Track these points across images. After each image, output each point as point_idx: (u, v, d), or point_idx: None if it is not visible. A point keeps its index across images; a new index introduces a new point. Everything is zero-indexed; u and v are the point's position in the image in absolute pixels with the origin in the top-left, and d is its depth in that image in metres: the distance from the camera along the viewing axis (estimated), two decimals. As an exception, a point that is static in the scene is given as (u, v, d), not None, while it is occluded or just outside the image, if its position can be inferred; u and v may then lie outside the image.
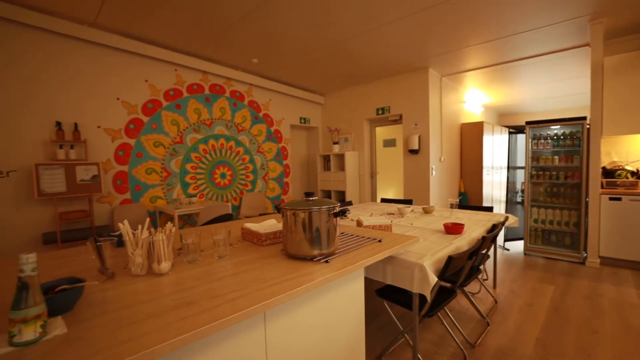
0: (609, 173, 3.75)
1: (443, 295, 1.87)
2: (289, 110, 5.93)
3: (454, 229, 2.15)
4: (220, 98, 4.84)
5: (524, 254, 4.04)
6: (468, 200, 5.78)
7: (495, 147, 5.98)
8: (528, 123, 4.09)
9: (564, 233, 3.90)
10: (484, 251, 2.26)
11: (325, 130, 6.48)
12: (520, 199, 4.93)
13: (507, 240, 4.54)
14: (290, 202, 1.35)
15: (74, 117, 3.43)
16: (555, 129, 4.01)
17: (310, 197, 1.34)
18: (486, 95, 6.45)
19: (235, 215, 4.95)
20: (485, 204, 5.52)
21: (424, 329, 2.25)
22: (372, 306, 2.40)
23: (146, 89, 4.01)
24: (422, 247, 1.81)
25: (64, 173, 3.20)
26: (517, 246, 4.35)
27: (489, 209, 3.17)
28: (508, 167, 4.97)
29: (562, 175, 3.91)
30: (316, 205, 1.27)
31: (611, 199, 3.42)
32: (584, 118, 3.71)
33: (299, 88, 5.92)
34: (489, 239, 2.02)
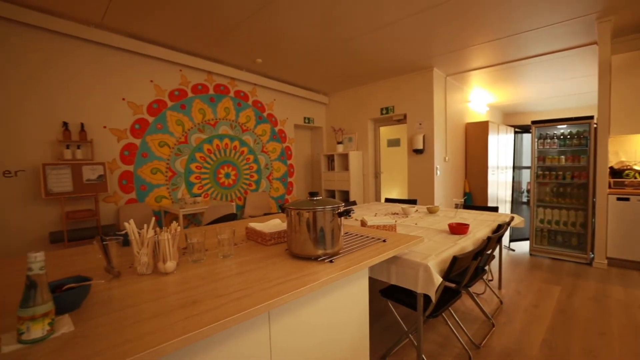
0: (616, 173, 3.70)
1: (448, 295, 1.86)
2: (293, 110, 5.93)
3: (458, 229, 2.13)
4: (225, 98, 4.86)
5: (530, 255, 4.00)
6: (473, 200, 5.74)
7: (500, 147, 5.93)
8: (534, 122, 4.06)
9: (570, 233, 3.85)
10: (489, 251, 2.24)
11: (329, 130, 6.47)
12: (525, 199, 4.89)
13: (512, 240, 4.51)
14: (295, 201, 1.36)
15: (80, 118, 3.46)
16: (562, 129, 3.97)
17: (315, 197, 1.34)
18: (491, 94, 6.40)
19: (239, 214, 4.97)
20: (490, 204, 5.48)
21: (428, 330, 2.24)
22: (376, 306, 2.40)
23: (151, 89, 4.03)
24: (427, 247, 1.80)
25: (70, 173, 3.24)
26: (523, 247, 4.32)
27: (494, 209, 3.15)
28: (513, 167, 4.93)
29: (568, 175, 3.86)
30: (320, 205, 1.27)
31: (619, 199, 3.38)
32: (591, 117, 3.66)
33: (303, 88, 5.92)
34: (494, 239, 2.01)
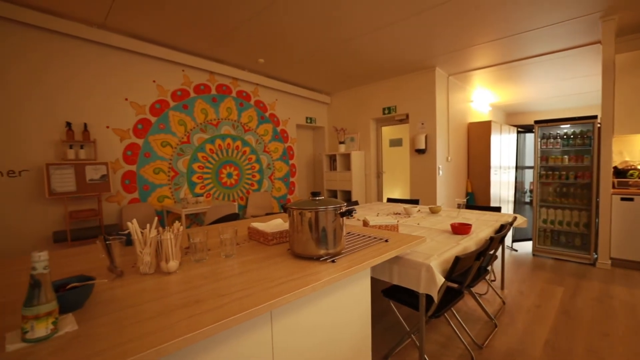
0: (620, 173, 3.68)
1: (450, 295, 1.85)
2: (295, 110, 5.94)
3: (461, 229, 2.13)
4: (227, 98, 4.86)
5: (533, 255, 3.98)
6: (475, 200, 5.72)
7: (503, 147, 5.91)
8: (537, 122, 4.04)
9: (573, 234, 3.83)
10: (492, 252, 2.24)
11: (331, 129, 6.47)
12: (528, 199, 4.87)
13: (515, 240, 4.49)
14: (297, 201, 1.36)
15: (83, 118, 3.48)
16: (565, 128, 3.95)
17: (317, 197, 1.34)
18: (494, 94, 6.37)
19: (241, 214, 4.98)
20: (493, 204, 5.46)
21: (430, 330, 2.23)
22: (378, 306, 2.39)
23: (154, 89, 4.05)
24: (429, 247, 1.80)
25: (73, 173, 3.25)
26: (526, 247, 4.30)
27: (497, 209, 3.13)
28: (516, 167, 4.91)
29: (572, 175, 3.84)
30: (323, 205, 1.27)
31: (623, 199, 3.35)
32: (594, 117, 3.64)
33: (305, 88, 5.92)
34: (497, 239, 2.00)
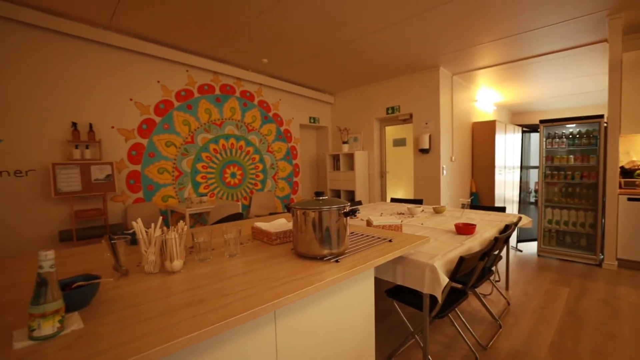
0: (627, 173, 3.64)
1: (454, 296, 1.85)
2: (299, 109, 5.94)
3: (465, 229, 2.12)
4: (231, 98, 4.88)
5: (538, 256, 3.95)
6: (480, 200, 5.69)
7: (507, 146, 5.87)
8: (542, 122, 4.01)
9: (579, 234, 3.80)
10: (496, 252, 2.22)
11: (334, 129, 6.47)
12: (533, 199, 4.83)
13: (520, 241, 4.46)
14: (301, 201, 1.36)
15: (88, 118, 3.51)
16: (571, 128, 3.91)
17: (320, 197, 1.34)
18: (498, 93, 6.33)
19: (245, 214, 4.99)
20: (497, 204, 5.42)
21: (434, 331, 2.23)
22: (381, 306, 2.39)
23: (158, 89, 4.07)
24: (433, 247, 1.79)
25: (79, 172, 3.28)
26: (531, 247, 4.26)
27: (502, 209, 3.11)
28: (521, 167, 4.87)
29: (577, 175, 3.81)
30: (326, 205, 1.27)
31: (630, 199, 3.31)
32: (601, 116, 3.60)
33: (308, 88, 5.92)
34: (501, 239, 1.99)
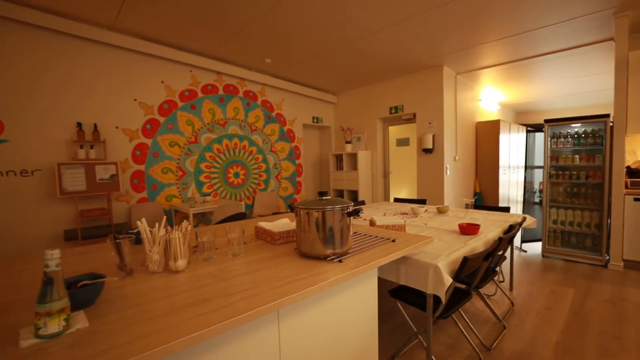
0: (633, 172, 3.60)
1: (458, 296, 1.84)
2: (302, 109, 5.94)
3: (469, 229, 2.11)
4: (234, 98, 4.89)
5: (542, 256, 3.92)
6: (483, 200, 5.66)
7: (512, 146, 5.84)
8: (547, 121, 3.98)
9: (584, 235, 3.77)
10: (501, 252, 2.21)
11: (337, 129, 6.46)
12: (538, 200, 4.79)
13: (524, 241, 4.43)
14: (304, 201, 1.36)
15: (93, 118, 3.54)
16: (576, 127, 3.88)
17: (324, 197, 1.34)
18: (503, 93, 6.29)
19: (248, 214, 5.00)
20: (501, 204, 5.39)
21: (438, 331, 2.22)
22: (385, 306, 2.39)
23: (162, 90, 4.09)
24: (437, 247, 1.78)
25: (84, 172, 3.31)
26: (535, 248, 4.24)
27: (506, 209, 3.10)
28: (526, 167, 4.84)
29: (583, 175, 3.78)
30: (330, 205, 1.27)
31: (636, 199, 3.28)
32: (607, 115, 3.57)
33: (311, 87, 5.92)
34: (505, 240, 1.97)
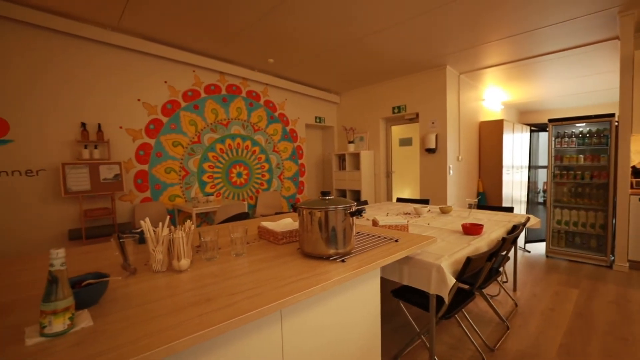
0: (639, 173, 3.57)
1: (461, 297, 1.83)
2: (305, 109, 5.95)
3: (472, 229, 2.10)
4: (237, 98, 4.90)
5: (546, 257, 3.90)
6: (487, 200, 5.63)
7: (515, 146, 5.80)
8: (551, 121, 3.95)
9: (589, 235, 3.74)
10: (504, 253, 2.20)
11: (340, 129, 6.46)
12: (542, 200, 4.77)
13: (528, 242, 4.40)
14: (307, 201, 1.36)
15: (97, 118, 3.56)
16: (581, 127, 3.85)
17: (327, 196, 1.34)
18: (506, 92, 6.26)
19: (251, 214, 5.01)
20: (505, 205, 5.36)
21: (441, 331, 2.21)
22: (387, 307, 2.38)
23: (165, 90, 4.11)
24: (440, 247, 1.78)
25: (88, 172, 3.33)
26: (539, 248, 4.21)
27: (510, 209, 3.08)
28: (529, 167, 4.81)
29: (587, 175, 3.75)
30: (332, 205, 1.27)
31: (641, 199, 3.25)
32: (612, 115, 3.54)
33: (314, 87, 5.92)
34: (509, 240, 1.96)
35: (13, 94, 3.05)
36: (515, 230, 2.21)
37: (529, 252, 4.14)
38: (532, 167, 4.78)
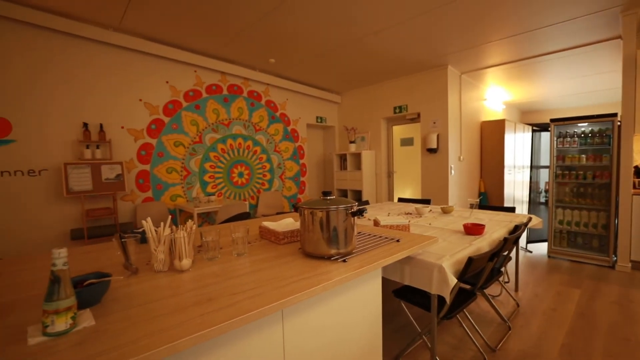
0: (641, 172, 3.56)
1: (462, 297, 1.83)
2: (306, 109, 5.95)
3: (474, 229, 2.09)
4: (238, 98, 4.91)
5: (548, 257, 3.89)
6: (488, 200, 5.62)
7: (517, 146, 5.79)
8: (553, 120, 3.94)
9: (591, 235, 3.72)
10: (506, 253, 2.19)
11: (341, 129, 6.46)
12: (544, 200, 4.75)
13: (529, 242, 4.39)
14: (308, 201, 1.36)
15: (99, 118, 3.57)
16: (583, 127, 3.84)
17: (328, 196, 1.34)
18: (508, 92, 6.24)
19: (252, 213, 5.02)
20: (506, 205, 5.35)
21: (442, 331, 2.21)
22: (389, 307, 2.38)
23: (167, 90, 4.12)
24: (441, 247, 1.78)
25: (90, 172, 3.34)
26: (541, 248, 4.20)
27: (511, 209, 3.07)
28: (531, 166, 4.80)
29: (589, 175, 3.73)
30: (334, 205, 1.27)
31: (644, 199, 3.24)
32: (614, 115, 3.53)
33: (315, 87, 5.92)
34: (511, 240, 1.96)
35: (14, 93, 3.06)
36: (517, 230, 2.21)
37: (531, 252, 4.13)
38: (534, 167, 4.77)
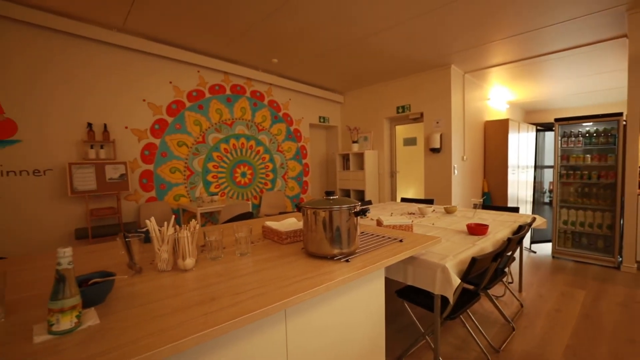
0: (647, 172, 3.52)
1: (466, 297, 1.82)
2: (308, 109, 5.95)
3: (477, 229, 2.08)
4: (241, 98, 4.92)
5: (552, 257, 3.86)
6: (492, 200, 5.59)
7: (521, 146, 5.76)
8: (557, 120, 3.91)
9: (596, 235, 3.69)
10: (510, 253, 2.18)
11: (344, 129, 6.45)
12: (548, 200, 4.72)
13: (533, 242, 4.36)
14: (311, 200, 1.36)
15: (103, 118, 3.59)
16: (588, 126, 3.81)
17: (331, 196, 1.34)
18: (512, 91, 6.21)
19: (255, 213, 5.03)
20: (510, 205, 5.32)
21: (445, 332, 2.20)
22: (392, 307, 2.38)
23: (170, 90, 4.14)
24: (445, 247, 1.77)
25: (94, 172, 3.36)
26: (545, 249, 4.17)
27: (515, 209, 3.05)
28: (535, 166, 4.77)
29: (594, 175, 3.70)
30: (337, 204, 1.27)
31: (650, 200, 3.21)
32: (620, 114, 3.50)
33: (318, 87, 5.92)
34: (514, 240, 1.95)
35: (17, 94, 3.09)
36: (520, 230, 2.19)
37: (535, 252, 4.10)
38: (538, 166, 4.73)
